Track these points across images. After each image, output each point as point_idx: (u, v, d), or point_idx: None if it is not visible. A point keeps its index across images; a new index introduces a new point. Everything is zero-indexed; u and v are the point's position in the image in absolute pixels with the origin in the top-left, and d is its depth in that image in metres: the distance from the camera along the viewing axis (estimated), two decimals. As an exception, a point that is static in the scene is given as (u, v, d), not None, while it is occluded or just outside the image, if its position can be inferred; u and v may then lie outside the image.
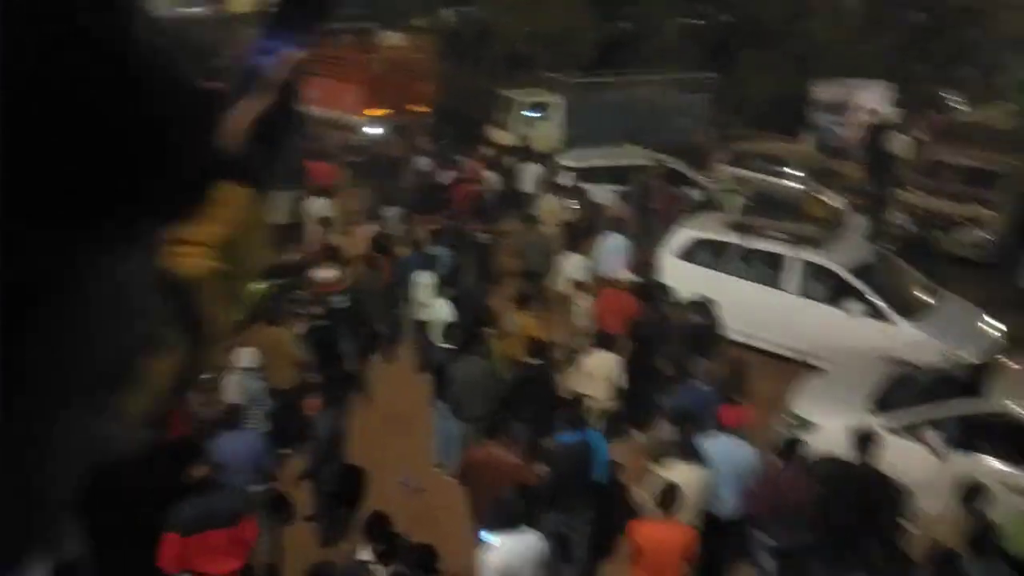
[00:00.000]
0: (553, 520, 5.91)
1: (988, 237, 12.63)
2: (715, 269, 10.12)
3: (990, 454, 6.32)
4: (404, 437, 8.21)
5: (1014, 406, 6.33)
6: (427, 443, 7.75)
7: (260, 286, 9.63)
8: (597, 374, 7.58)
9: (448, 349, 7.73)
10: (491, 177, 13.87)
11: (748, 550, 6.06)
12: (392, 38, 19.31)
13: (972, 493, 5.54)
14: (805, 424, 7.03)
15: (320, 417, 6.36)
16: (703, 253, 10.37)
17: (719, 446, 5.94)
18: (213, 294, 0.80)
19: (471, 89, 19.64)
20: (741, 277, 9.95)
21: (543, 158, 15.00)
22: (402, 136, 17.10)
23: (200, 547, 4.97)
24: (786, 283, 9.59)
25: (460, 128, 18.23)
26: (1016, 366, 7.04)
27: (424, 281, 9.36)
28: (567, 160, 14.58)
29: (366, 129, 17.65)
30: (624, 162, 14.43)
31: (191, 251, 0.79)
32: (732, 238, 10.15)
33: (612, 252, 10.58)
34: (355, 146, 17.03)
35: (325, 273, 9.50)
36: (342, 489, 6.35)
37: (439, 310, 8.59)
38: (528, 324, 8.40)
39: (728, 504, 5.89)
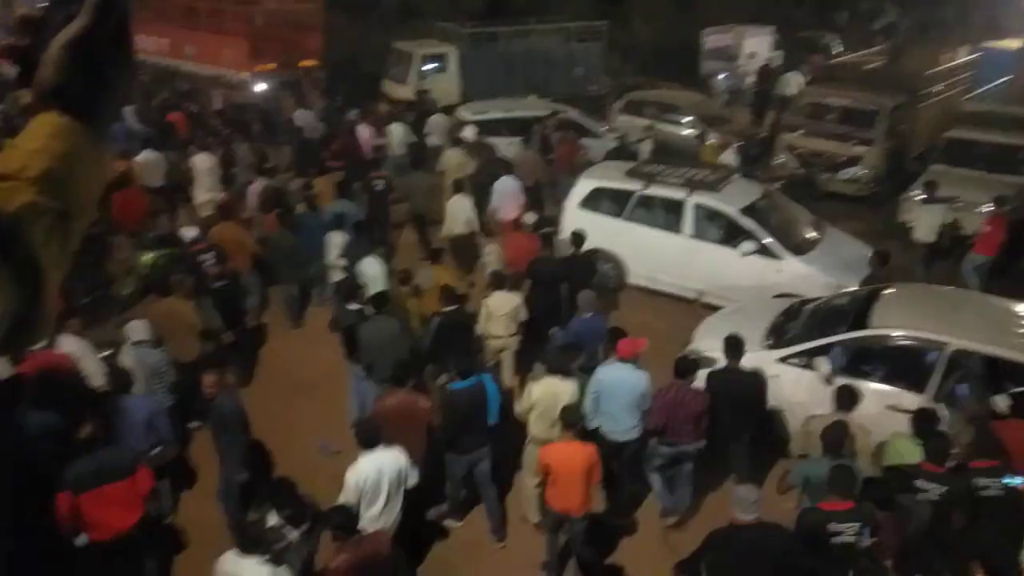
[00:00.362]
0: (454, 462, 6.24)
1: (866, 173, 13.41)
2: (617, 217, 10.33)
3: (874, 378, 6.74)
4: (319, 401, 8.10)
5: (894, 330, 6.79)
6: (343, 405, 7.64)
7: (148, 256, 9.16)
8: (500, 313, 7.77)
9: (359, 310, 7.60)
10: (393, 130, 13.53)
11: (643, 468, 6.55)
12: (273, -12, 18.28)
13: (844, 398, 5.97)
14: (707, 359, 7.35)
15: (222, 393, 6.16)
16: (605, 202, 10.54)
17: (614, 373, 6.32)
18: (43, 233, 0.74)
19: (363, 42, 18.96)
20: (642, 224, 10.20)
21: (442, 111, 14.74)
22: (291, 92, 16.40)
23: (96, 502, 4.99)
24: (683, 227, 9.90)
25: (353, 82, 17.64)
26: (896, 292, 7.55)
27: (336, 241, 9.17)
28: (467, 113, 14.38)
29: (251, 85, 16.77)
30: (523, 113, 14.37)
31: (8, 185, 0.73)
32: (631, 186, 10.35)
33: (507, 196, 10.80)
34: (240, 103, 16.19)
35: (189, 232, 9.26)
36: (249, 469, 6.24)
37: (369, 267, 8.42)
38: (443, 276, 8.45)
39: (625, 426, 6.28)
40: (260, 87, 16.68)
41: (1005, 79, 16.50)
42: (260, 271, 9.50)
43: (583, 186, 10.72)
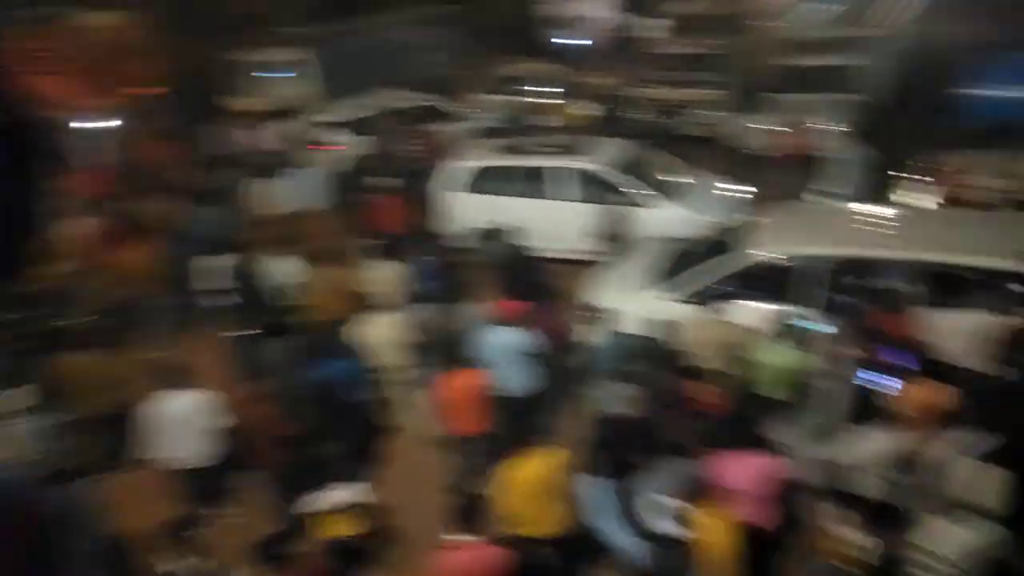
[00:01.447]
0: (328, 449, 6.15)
1: (717, 114, 14.27)
2: (500, 195, 10.58)
3: (754, 299, 7.16)
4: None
5: (763, 253, 7.27)
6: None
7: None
8: (382, 285, 7.98)
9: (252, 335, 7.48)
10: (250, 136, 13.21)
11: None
12: (96, 18, 17.18)
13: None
14: (603, 312, 7.67)
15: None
16: (489, 181, 10.75)
17: (497, 336, 6.76)
18: None
19: (210, 59, 18.16)
20: (526, 196, 10.49)
21: (298, 116, 14.44)
22: (136, 120, 15.55)
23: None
24: (563, 192, 10.26)
25: (202, 101, 16.91)
26: (772, 216, 8.06)
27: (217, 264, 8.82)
28: (325, 115, 14.17)
29: (90, 121, 15.77)
30: (384, 107, 14.32)
31: None
32: (507, 161, 10.64)
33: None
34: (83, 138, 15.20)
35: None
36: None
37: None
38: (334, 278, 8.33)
39: (515, 382, 6.72)
40: (103, 121, 15.70)
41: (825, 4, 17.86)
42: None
43: (464, 169, 10.88)
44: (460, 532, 4.88)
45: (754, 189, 10.62)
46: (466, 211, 10.51)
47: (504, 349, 6.68)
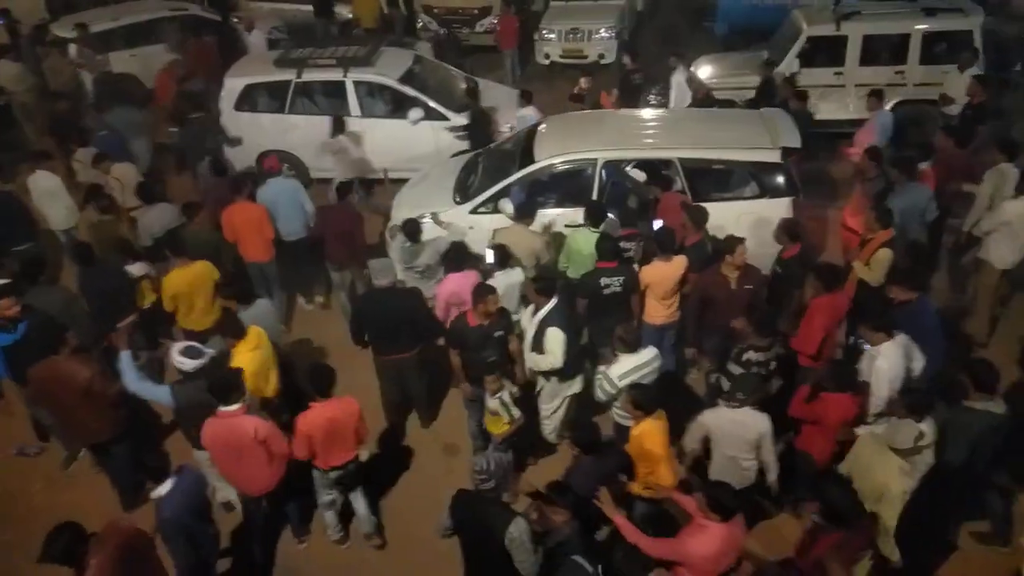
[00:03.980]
0: None
1: (495, 22, 14.23)
2: (279, 112, 9.90)
3: (552, 204, 7.54)
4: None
5: (555, 158, 7.47)
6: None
7: None
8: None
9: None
10: None
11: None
12: None
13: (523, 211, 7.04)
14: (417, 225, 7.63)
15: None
16: (262, 98, 9.99)
17: (275, 185, 7.77)
18: None
19: None
20: (307, 113, 9.90)
21: (34, 32, 12.33)
22: None
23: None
24: (349, 107, 9.80)
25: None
26: (549, 125, 8.28)
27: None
28: (63, 30, 12.21)
29: None
30: (143, 17, 12.67)
31: None
32: (284, 76, 9.91)
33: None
34: None
35: None
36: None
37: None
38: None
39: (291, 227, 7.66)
40: None
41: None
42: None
43: (231, 86, 10.00)
44: None
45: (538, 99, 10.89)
46: (238, 129, 9.77)
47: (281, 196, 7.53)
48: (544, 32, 13.32)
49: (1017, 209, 6.52)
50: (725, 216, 6.89)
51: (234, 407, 4.85)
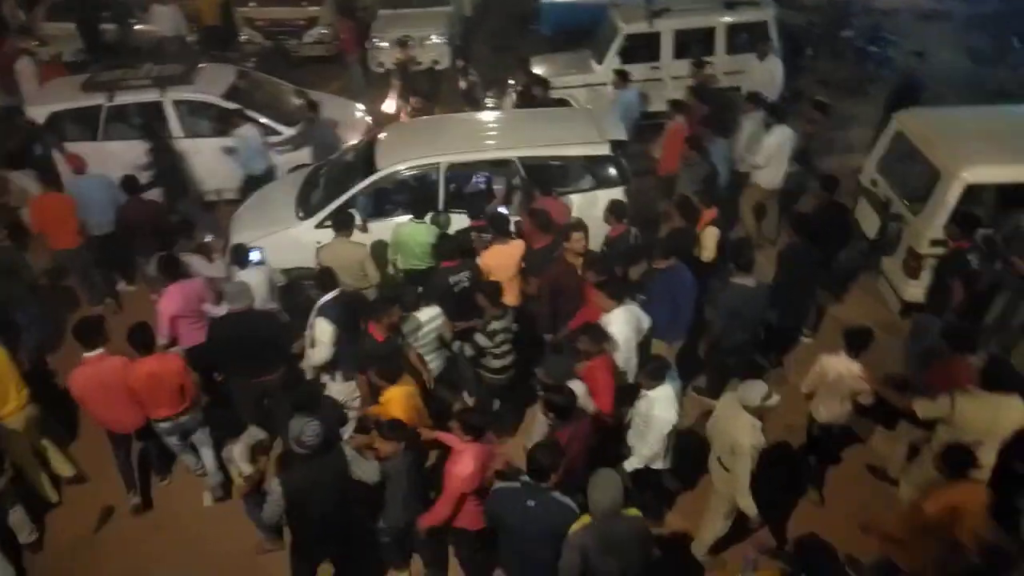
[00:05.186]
0: None
1: (326, 32, 13.95)
2: (92, 140, 9.16)
3: (399, 212, 7.41)
4: None
5: (397, 166, 7.38)
6: None
7: None
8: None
9: None
10: None
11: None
12: None
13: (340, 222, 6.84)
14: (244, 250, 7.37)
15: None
16: (70, 126, 9.19)
17: (83, 182, 7.97)
18: None
19: None
20: (123, 139, 9.21)
21: None
22: None
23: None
24: (170, 129, 9.25)
25: None
26: (389, 133, 8.25)
27: None
28: None
29: None
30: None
31: None
32: (94, 100, 9.18)
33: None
34: None
35: None
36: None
37: None
38: None
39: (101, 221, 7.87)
40: None
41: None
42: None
43: (34, 115, 9.16)
44: None
45: (374, 106, 10.80)
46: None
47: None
48: (376, 40, 13.19)
49: (777, 140, 8.13)
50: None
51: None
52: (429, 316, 5.94)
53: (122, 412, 5.57)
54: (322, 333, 5.70)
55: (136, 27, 13.53)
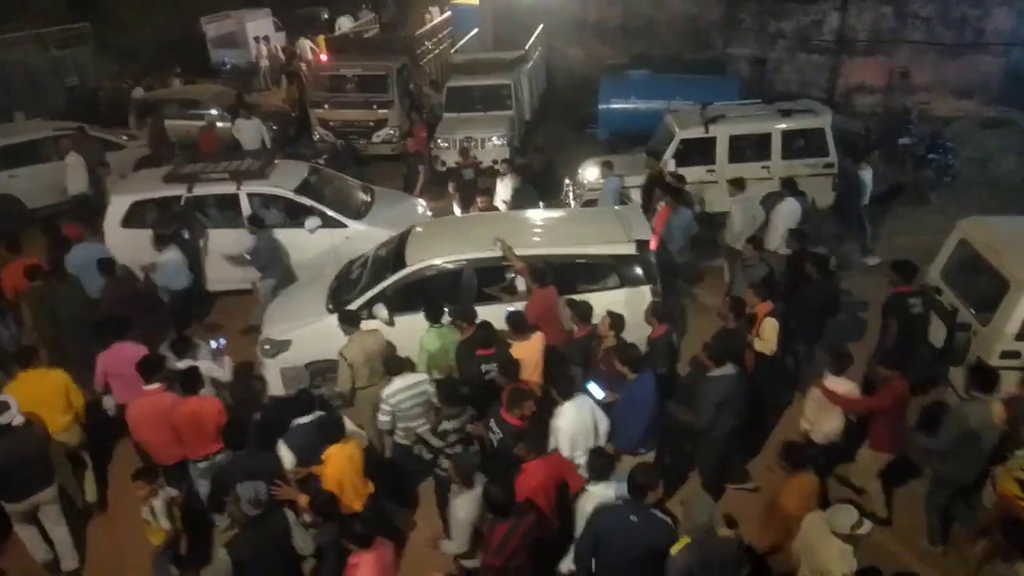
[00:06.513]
0: None
1: (393, 132, 14.71)
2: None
3: (415, 305, 7.15)
4: None
5: (426, 262, 7.45)
6: None
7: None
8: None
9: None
10: None
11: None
12: None
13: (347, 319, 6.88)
14: (280, 344, 7.56)
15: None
16: (150, 214, 9.75)
17: (81, 250, 8.50)
18: None
19: None
20: (202, 227, 9.74)
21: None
22: None
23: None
24: (244, 219, 9.70)
25: None
26: (420, 230, 8.34)
27: None
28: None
29: None
30: (20, 139, 12.32)
31: None
32: (175, 191, 9.76)
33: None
34: None
35: None
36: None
37: None
38: None
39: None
40: None
41: (474, 31, 19.39)
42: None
43: (118, 203, 9.75)
44: None
45: (437, 204, 11.19)
46: (125, 248, 9.30)
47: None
48: (439, 141, 13.80)
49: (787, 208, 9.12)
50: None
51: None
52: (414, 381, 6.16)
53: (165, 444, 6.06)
54: (283, 459, 5.69)
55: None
